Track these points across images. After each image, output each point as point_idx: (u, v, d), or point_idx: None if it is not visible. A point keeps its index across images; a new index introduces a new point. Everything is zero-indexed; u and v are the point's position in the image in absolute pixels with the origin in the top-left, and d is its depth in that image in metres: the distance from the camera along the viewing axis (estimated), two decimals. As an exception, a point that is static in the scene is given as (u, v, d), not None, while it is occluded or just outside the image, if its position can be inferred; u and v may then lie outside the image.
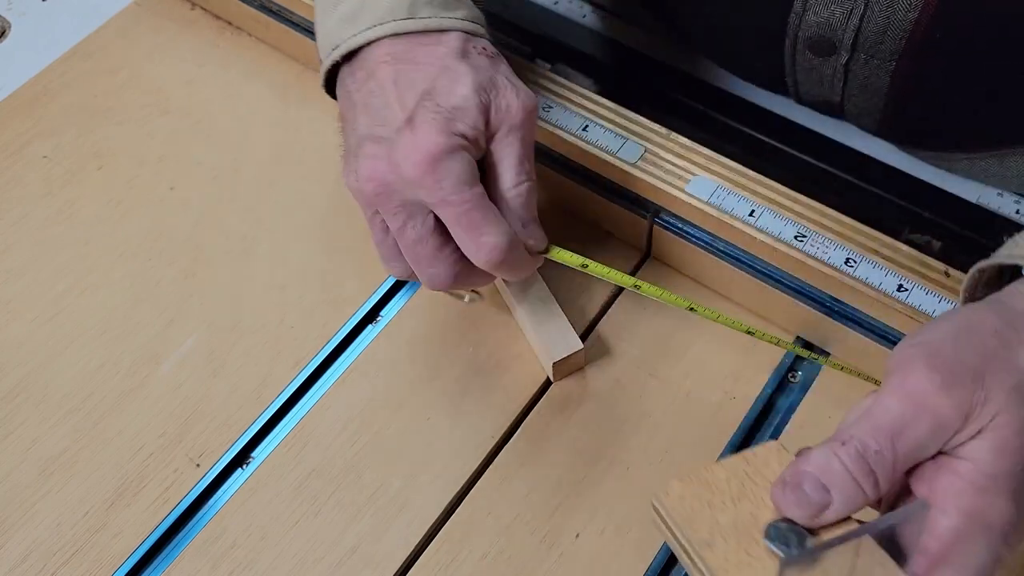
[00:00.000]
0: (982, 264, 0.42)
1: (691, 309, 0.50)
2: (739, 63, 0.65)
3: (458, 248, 0.46)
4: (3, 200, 0.63)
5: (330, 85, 0.50)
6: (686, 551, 0.36)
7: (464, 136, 0.45)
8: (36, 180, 0.64)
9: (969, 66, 0.52)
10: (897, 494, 0.37)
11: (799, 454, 0.37)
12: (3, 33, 0.73)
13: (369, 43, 0.47)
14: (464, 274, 0.47)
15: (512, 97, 0.46)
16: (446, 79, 0.45)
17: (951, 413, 0.35)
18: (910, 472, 0.37)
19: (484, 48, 0.48)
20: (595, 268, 0.50)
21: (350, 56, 0.48)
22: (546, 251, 0.49)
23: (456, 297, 0.55)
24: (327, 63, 0.48)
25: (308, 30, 0.66)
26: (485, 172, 0.47)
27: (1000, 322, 0.37)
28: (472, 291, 0.54)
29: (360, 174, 0.45)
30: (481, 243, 0.45)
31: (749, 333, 0.51)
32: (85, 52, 0.70)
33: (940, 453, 0.36)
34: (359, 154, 0.46)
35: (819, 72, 0.57)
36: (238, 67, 0.69)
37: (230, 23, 0.72)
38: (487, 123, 0.46)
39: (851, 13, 0.51)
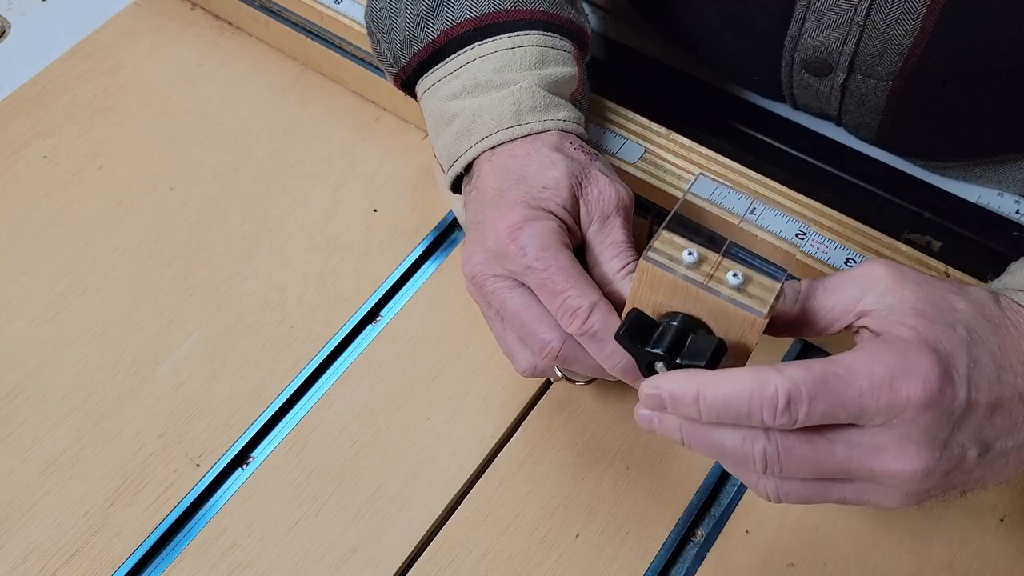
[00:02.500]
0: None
1: None
2: (736, 75, 0.65)
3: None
4: (3, 200, 0.63)
5: (456, 188, 0.52)
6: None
7: (551, 212, 0.45)
8: (36, 180, 0.64)
9: (964, 86, 0.52)
10: None
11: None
12: (3, 33, 0.73)
13: (481, 153, 0.49)
14: (571, 348, 0.45)
15: (606, 186, 0.46)
16: (538, 165, 0.47)
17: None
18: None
19: (581, 146, 0.49)
20: None
21: (468, 165, 0.50)
22: None
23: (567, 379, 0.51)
24: (451, 175, 0.51)
25: (308, 30, 0.66)
26: (585, 263, 0.46)
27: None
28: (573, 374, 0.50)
29: (462, 263, 0.47)
30: (566, 306, 0.43)
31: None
32: (85, 52, 0.70)
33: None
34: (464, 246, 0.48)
35: (815, 89, 0.57)
36: (238, 67, 0.69)
37: (230, 23, 0.72)
38: (578, 209, 0.46)
39: (847, 38, 0.51)
